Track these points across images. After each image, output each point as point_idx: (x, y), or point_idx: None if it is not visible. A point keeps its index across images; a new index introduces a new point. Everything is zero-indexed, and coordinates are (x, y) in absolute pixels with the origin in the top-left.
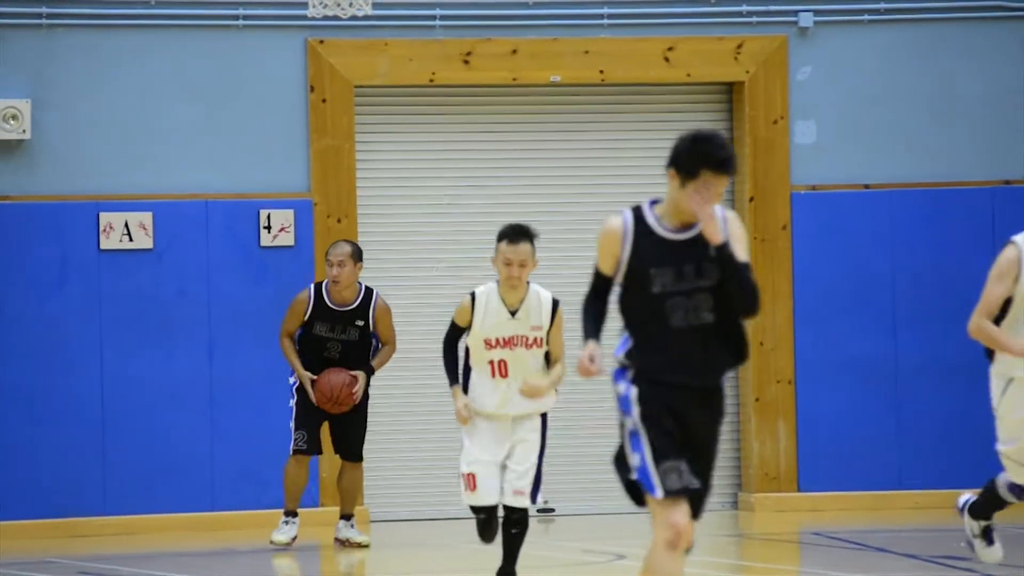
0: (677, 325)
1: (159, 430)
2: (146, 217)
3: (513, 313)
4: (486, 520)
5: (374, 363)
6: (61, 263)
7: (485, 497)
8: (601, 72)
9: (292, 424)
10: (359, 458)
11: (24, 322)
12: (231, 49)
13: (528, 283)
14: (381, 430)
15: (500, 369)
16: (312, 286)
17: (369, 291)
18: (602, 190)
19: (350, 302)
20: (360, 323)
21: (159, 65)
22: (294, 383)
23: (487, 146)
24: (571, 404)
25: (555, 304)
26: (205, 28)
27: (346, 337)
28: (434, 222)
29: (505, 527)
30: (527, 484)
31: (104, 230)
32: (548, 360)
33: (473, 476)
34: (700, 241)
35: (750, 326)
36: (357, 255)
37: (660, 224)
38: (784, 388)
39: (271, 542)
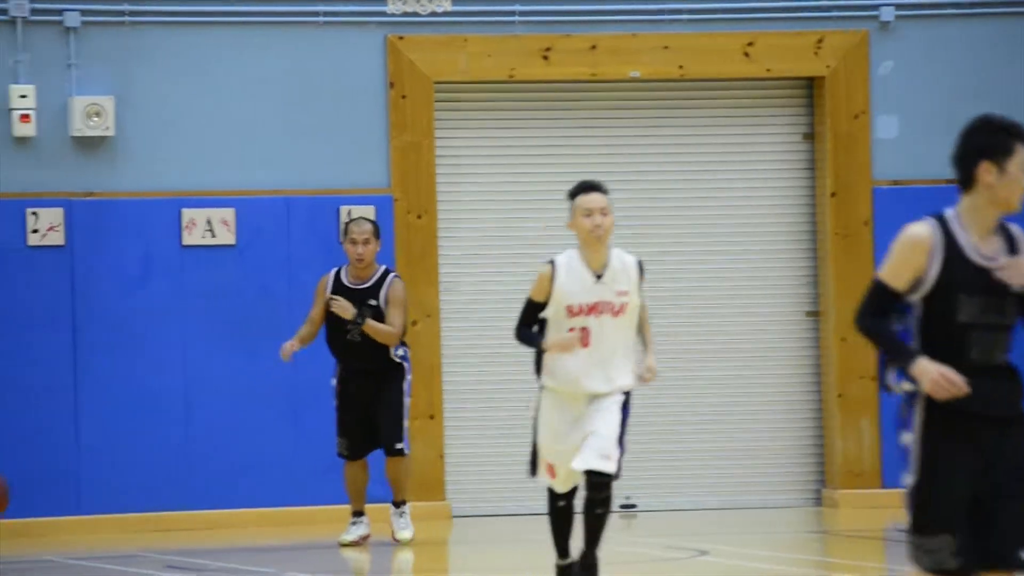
0: (975, 360)
1: (242, 425)
2: (228, 213)
3: (598, 277)
4: (560, 502)
5: (368, 323)
6: (144, 259)
7: (564, 484)
8: (680, 67)
9: (336, 428)
10: (398, 452)
11: (108, 318)
12: (312, 46)
13: (608, 246)
14: (465, 425)
15: (582, 339)
16: (333, 269)
17: (386, 271)
18: (681, 186)
19: (365, 280)
20: (373, 302)
21: (241, 62)
22: (334, 386)
23: (566, 142)
24: (658, 398)
25: (639, 264)
26: (286, 25)
27: (359, 319)
28: (514, 217)
29: (588, 508)
30: (612, 448)
31: (186, 226)
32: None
33: (552, 465)
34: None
35: (832, 321)
36: (377, 233)
37: (969, 243)
38: (867, 384)
39: (339, 543)
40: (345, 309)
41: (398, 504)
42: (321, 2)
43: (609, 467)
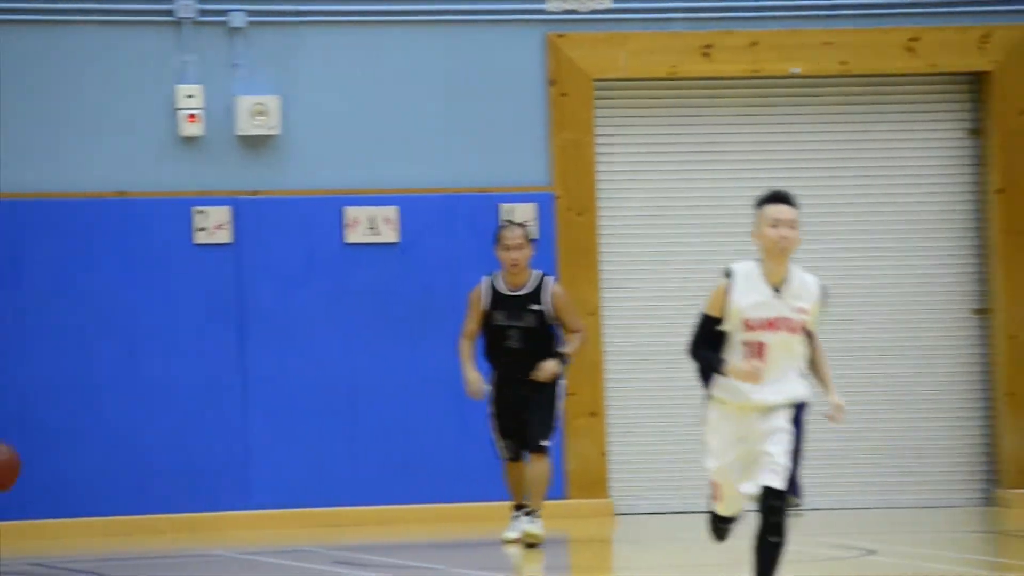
0: None
1: (407, 422)
2: (391, 211)
3: (777, 291)
4: (724, 529)
5: (567, 350)
6: (307, 257)
7: (729, 507)
8: (843, 63)
9: (494, 433)
10: (542, 450)
11: (274, 316)
12: (473, 44)
13: (790, 261)
14: (627, 422)
15: (757, 352)
16: (484, 278)
17: (543, 276)
18: (843, 183)
19: (522, 286)
20: (535, 307)
21: (403, 60)
22: (489, 391)
23: (726, 138)
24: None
25: (823, 288)
26: (447, 24)
27: (523, 324)
28: (674, 215)
29: (760, 536)
30: (784, 467)
31: (349, 224)
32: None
33: (717, 485)
34: None
35: (1001, 318)
36: (530, 238)
37: None
38: None
39: (502, 540)
40: (549, 371)
41: (531, 512)
42: (482, 1)
43: (779, 484)
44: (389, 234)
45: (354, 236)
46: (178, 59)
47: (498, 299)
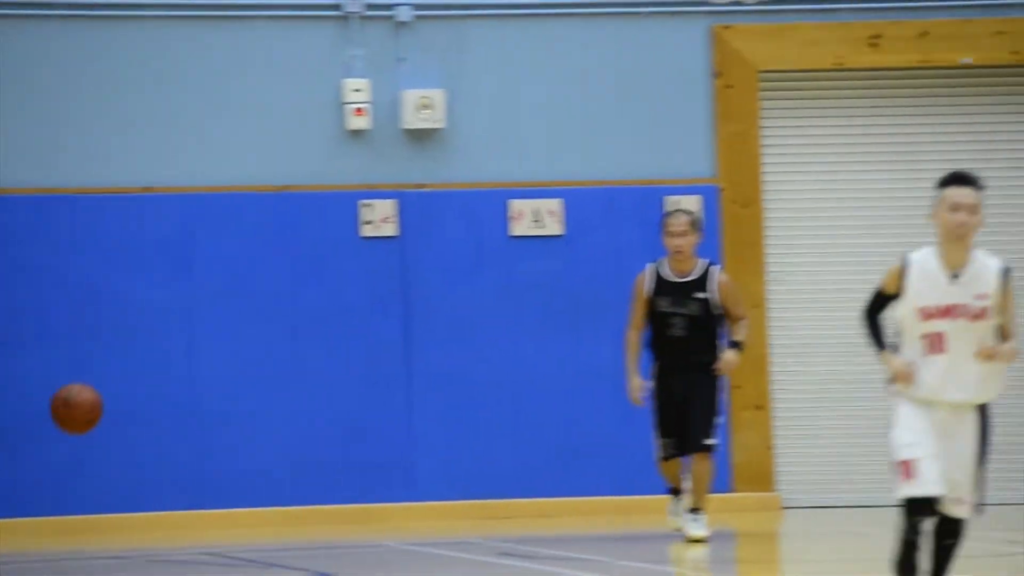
0: None
1: (571, 414)
2: (555, 204)
3: (955, 277)
4: (918, 523)
5: (741, 338)
6: (473, 250)
7: (926, 485)
8: (1015, 53)
9: (654, 431)
10: (704, 448)
11: (439, 308)
12: (637, 37)
13: (971, 246)
14: (793, 416)
15: (937, 344)
16: (650, 264)
17: (709, 264)
18: (1014, 175)
19: (688, 273)
20: (700, 295)
21: (567, 53)
22: (651, 386)
23: (894, 130)
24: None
25: (1004, 272)
26: (611, 16)
27: (688, 311)
28: (839, 206)
29: (938, 536)
30: (968, 493)
31: (514, 217)
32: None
33: (910, 463)
34: None
35: None
36: (696, 225)
37: None
38: None
39: (674, 528)
40: (731, 362)
41: (695, 510)
42: None
43: (963, 513)
44: (554, 227)
45: (519, 229)
46: (346, 53)
47: (662, 285)
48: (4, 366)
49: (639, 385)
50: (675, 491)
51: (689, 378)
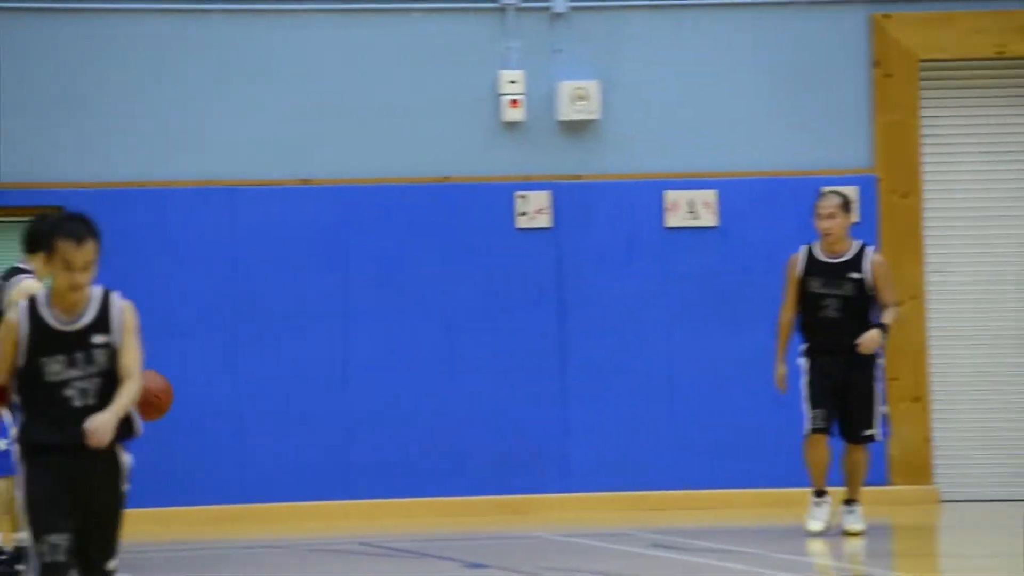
0: None
1: (725, 407)
2: (710, 195)
3: None
4: None
5: (887, 320)
6: (627, 241)
7: None
8: None
9: (805, 403)
10: (862, 440)
11: (593, 300)
12: (794, 26)
13: None
14: (953, 408)
15: None
16: (803, 246)
17: (863, 245)
18: None
19: (841, 254)
20: (854, 275)
21: (723, 43)
22: (801, 364)
23: None
24: None
25: None
26: (768, 6)
27: (841, 292)
28: (999, 197)
29: None
30: None
31: (669, 208)
32: None
33: None
34: None
35: None
36: (846, 206)
37: None
38: None
39: (807, 531)
40: (872, 341)
41: (849, 502)
42: None
43: None
44: (708, 218)
45: (674, 220)
46: (502, 45)
47: (815, 265)
48: (162, 355)
49: (784, 374)
50: (820, 492)
51: (844, 361)
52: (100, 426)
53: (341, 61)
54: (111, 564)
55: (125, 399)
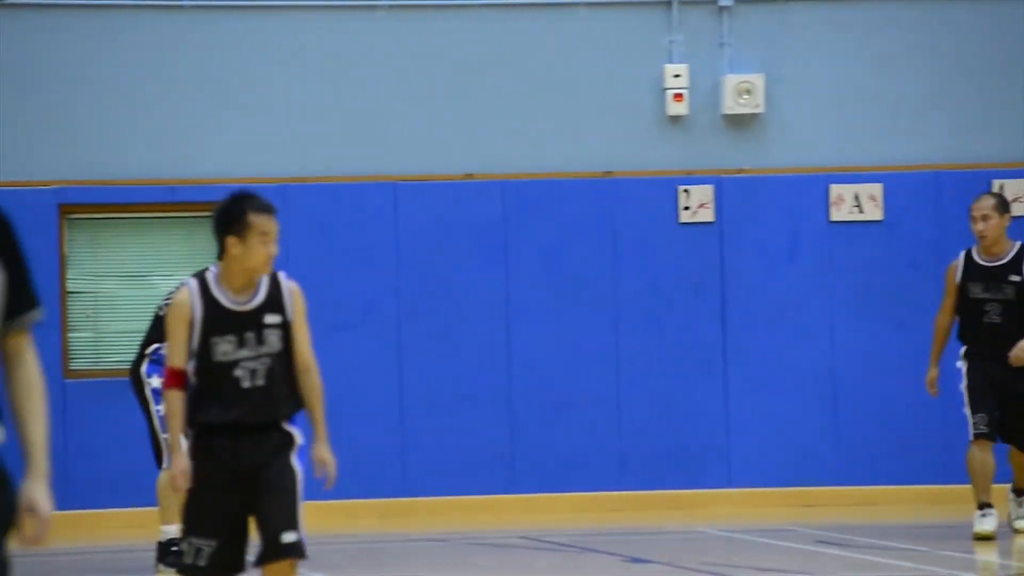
0: None
1: (889, 401)
2: (876, 189)
3: None
4: None
5: None
6: (791, 235)
7: None
8: None
9: (967, 408)
10: None
11: (756, 295)
12: (960, 16)
13: None
14: None
15: None
16: (963, 251)
17: (1022, 245)
18: None
19: (1000, 257)
20: (1015, 278)
21: (888, 36)
22: (960, 367)
23: None
24: None
25: None
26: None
27: (1002, 296)
28: None
29: None
30: None
31: (834, 202)
32: None
33: None
34: None
35: None
36: (1002, 206)
37: None
38: None
39: (974, 535)
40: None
41: (1020, 492)
42: None
43: None
44: (874, 212)
45: (839, 214)
46: (666, 39)
47: (973, 270)
48: (326, 349)
49: (935, 377)
50: (983, 504)
51: (1005, 365)
52: (326, 464)
53: (506, 56)
54: (289, 536)
55: (320, 407)
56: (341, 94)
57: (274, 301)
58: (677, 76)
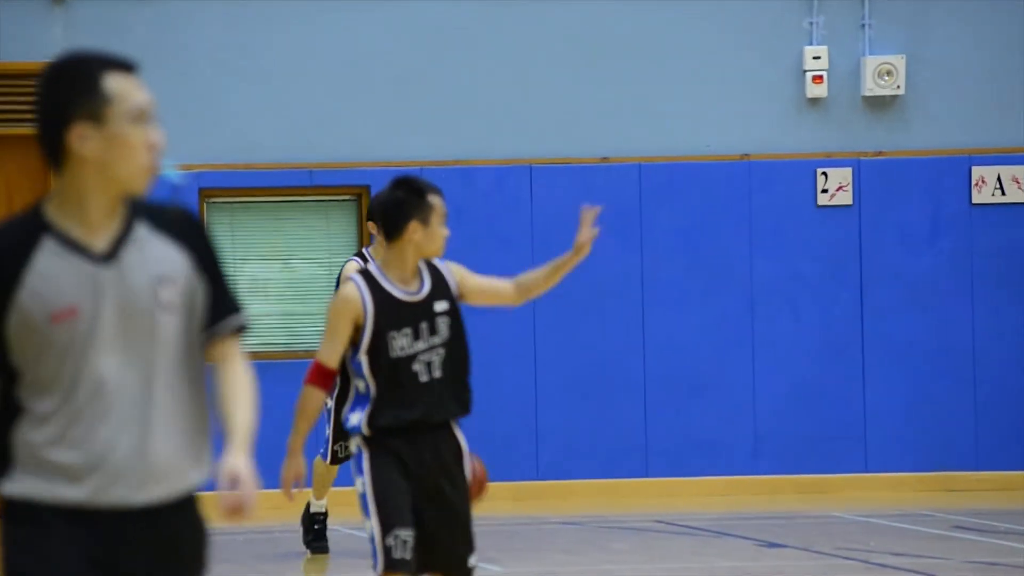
0: None
1: None
2: (1019, 171)
3: None
4: None
5: None
6: (931, 218)
7: None
8: None
9: None
10: None
11: (895, 278)
12: None
13: None
14: None
15: None
16: None
17: None
18: None
19: None
20: None
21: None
22: None
23: None
24: None
25: None
26: None
27: None
28: None
29: None
30: None
31: (976, 184)
32: None
33: None
34: None
35: None
36: None
37: None
38: None
39: None
40: None
41: None
42: None
43: None
44: (1016, 194)
45: (981, 196)
46: (806, 20)
47: None
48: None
49: None
50: None
51: None
52: None
53: (642, 38)
54: (472, 560)
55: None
56: (476, 78)
57: (440, 287)
58: (817, 58)
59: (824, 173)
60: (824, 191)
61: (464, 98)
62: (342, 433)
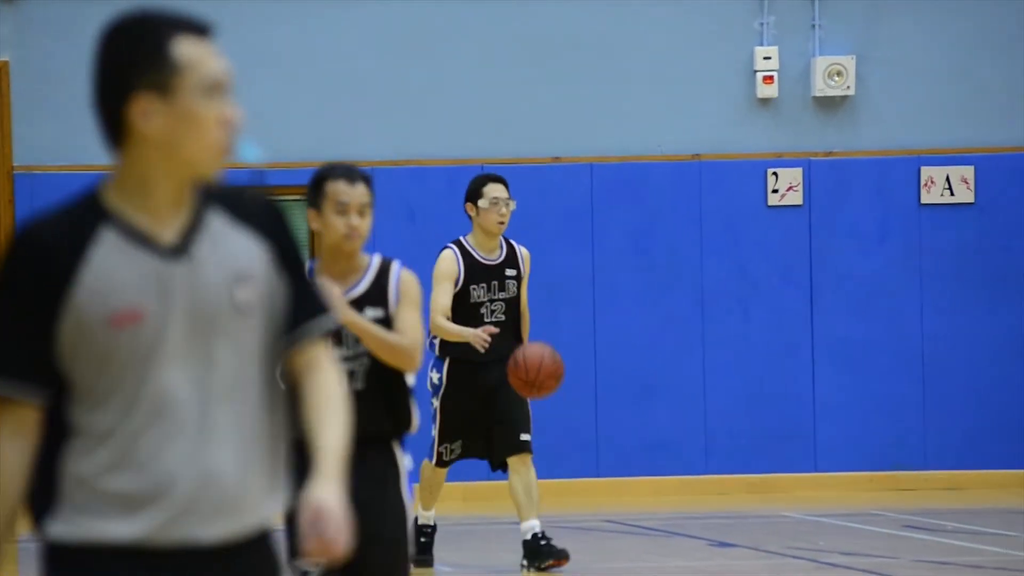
0: None
1: (980, 386)
2: (967, 171)
3: None
4: None
5: None
6: (881, 218)
7: None
8: None
9: None
10: None
11: (845, 278)
12: None
13: None
14: None
15: None
16: None
17: None
18: None
19: None
20: None
21: (978, 17)
22: None
23: None
24: None
25: None
26: None
27: None
28: None
29: None
30: None
31: (925, 184)
32: None
33: None
34: None
35: None
36: None
37: None
38: None
39: None
40: None
41: None
42: None
43: None
44: (965, 195)
45: (930, 197)
46: (756, 21)
47: None
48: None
49: None
50: None
51: None
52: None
53: (593, 39)
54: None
55: (379, 332)
56: (428, 78)
57: (378, 292)
58: (767, 58)
59: (775, 173)
60: (775, 191)
61: (416, 98)
62: (448, 434)
